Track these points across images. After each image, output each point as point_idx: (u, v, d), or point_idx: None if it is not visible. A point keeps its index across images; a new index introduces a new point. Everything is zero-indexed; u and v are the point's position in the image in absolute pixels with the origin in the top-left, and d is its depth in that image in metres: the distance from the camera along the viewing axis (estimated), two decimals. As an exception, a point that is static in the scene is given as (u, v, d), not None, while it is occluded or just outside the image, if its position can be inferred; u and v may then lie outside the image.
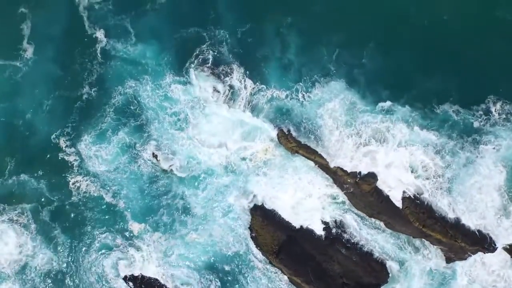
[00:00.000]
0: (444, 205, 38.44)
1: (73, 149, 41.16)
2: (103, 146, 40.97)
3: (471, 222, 38.16)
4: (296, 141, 39.28)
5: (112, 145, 40.89)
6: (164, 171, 40.55)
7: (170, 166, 40.28)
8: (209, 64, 41.16)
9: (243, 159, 40.32)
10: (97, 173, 40.94)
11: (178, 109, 40.91)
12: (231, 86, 40.91)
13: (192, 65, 41.21)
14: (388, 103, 39.94)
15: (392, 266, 39.14)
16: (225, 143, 40.22)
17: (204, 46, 41.59)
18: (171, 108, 40.96)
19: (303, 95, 40.57)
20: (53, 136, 41.34)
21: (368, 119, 39.67)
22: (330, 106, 40.04)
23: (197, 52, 41.48)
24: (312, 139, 39.62)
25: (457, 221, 38.04)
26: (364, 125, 39.57)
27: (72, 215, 40.94)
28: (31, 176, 41.06)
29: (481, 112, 39.12)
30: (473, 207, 38.26)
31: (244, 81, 40.92)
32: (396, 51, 40.35)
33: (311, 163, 39.75)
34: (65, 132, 41.35)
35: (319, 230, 39.25)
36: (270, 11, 41.68)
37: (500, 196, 38.35)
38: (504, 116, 38.82)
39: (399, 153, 39.04)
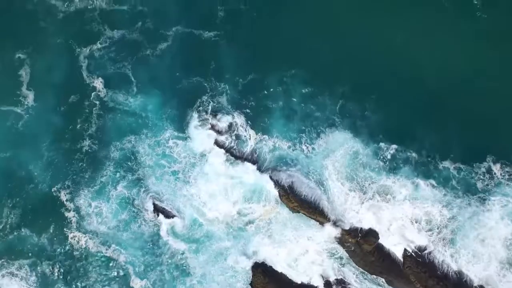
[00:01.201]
0: (447, 257, 38.15)
1: (72, 205, 40.58)
2: (102, 203, 40.44)
3: (474, 275, 37.79)
4: (297, 201, 38.96)
5: (112, 201, 40.37)
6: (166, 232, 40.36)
7: (170, 227, 40.02)
8: (210, 117, 40.78)
9: (245, 220, 39.86)
10: (97, 230, 40.35)
11: (177, 168, 40.44)
12: (236, 136, 40.57)
13: (193, 119, 40.82)
14: (390, 155, 39.67)
15: (393, 323, 39.10)
16: (226, 204, 39.75)
17: (205, 97, 41.29)
18: (170, 167, 40.46)
19: (307, 146, 40.26)
20: (54, 189, 40.91)
21: (372, 174, 39.36)
22: (334, 158, 39.80)
23: (198, 104, 41.12)
24: (314, 194, 39.28)
25: (460, 275, 37.72)
26: (368, 180, 39.32)
27: (73, 269, 40.40)
28: (33, 231, 40.47)
29: (483, 170, 38.73)
30: (476, 259, 37.86)
31: (248, 132, 40.58)
32: (398, 104, 40.24)
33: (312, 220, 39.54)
34: (65, 185, 40.90)
35: (320, 286, 39.11)
36: (273, 62, 41.41)
37: (506, 249, 37.92)
38: (508, 176, 38.36)
39: (403, 208, 38.75)
